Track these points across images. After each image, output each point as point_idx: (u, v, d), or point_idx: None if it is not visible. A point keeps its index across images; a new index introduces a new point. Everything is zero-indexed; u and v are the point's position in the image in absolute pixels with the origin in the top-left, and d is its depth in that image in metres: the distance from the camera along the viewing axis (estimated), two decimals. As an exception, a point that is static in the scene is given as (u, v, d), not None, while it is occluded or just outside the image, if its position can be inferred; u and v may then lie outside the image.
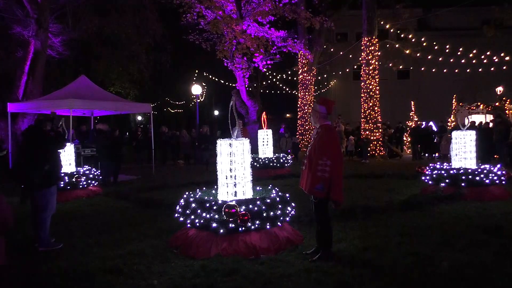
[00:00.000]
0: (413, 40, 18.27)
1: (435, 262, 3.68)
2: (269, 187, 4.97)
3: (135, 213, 6.37)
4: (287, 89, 23.26)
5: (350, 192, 7.45)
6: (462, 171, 6.80)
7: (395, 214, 5.69)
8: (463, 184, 6.62)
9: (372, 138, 15.97)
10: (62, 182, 7.34)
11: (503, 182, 6.72)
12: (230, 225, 4.05)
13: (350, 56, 20.16)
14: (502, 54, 17.70)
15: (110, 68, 20.65)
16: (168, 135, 16.31)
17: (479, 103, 15.92)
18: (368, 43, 16.32)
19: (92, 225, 5.63)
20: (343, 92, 26.08)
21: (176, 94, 32.55)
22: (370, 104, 16.38)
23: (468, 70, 19.52)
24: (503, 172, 6.76)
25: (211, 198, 4.52)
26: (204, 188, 5.11)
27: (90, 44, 17.74)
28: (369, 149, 15.43)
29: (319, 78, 22.46)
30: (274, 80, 22.05)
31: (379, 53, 16.74)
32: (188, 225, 4.39)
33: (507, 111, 14.90)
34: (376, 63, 16.48)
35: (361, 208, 5.73)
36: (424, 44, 18.25)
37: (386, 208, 5.99)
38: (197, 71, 25.92)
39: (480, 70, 19.33)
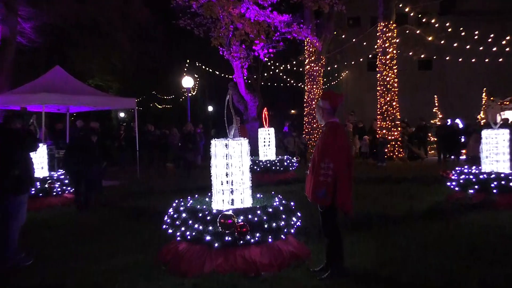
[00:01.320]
0: (436, 25, 18.33)
1: (463, 279, 3.67)
2: (271, 194, 4.96)
3: (117, 223, 6.39)
4: (292, 81, 23.30)
5: (364, 200, 7.48)
6: (493, 175, 6.79)
7: (417, 224, 5.70)
8: (494, 190, 6.61)
9: (389, 137, 15.99)
10: (33, 189, 7.31)
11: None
12: (227, 238, 4.05)
13: (364, 43, 20.18)
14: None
15: (89, 58, 20.71)
16: (155, 134, 16.35)
17: (512, 98, 15.98)
18: (384, 29, 16.36)
19: (68, 236, 5.63)
20: (356, 85, 26.13)
21: (165, 87, 32.55)
22: (387, 98, 16.41)
23: (500, 60, 19.50)
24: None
25: (204, 207, 4.53)
26: (196, 196, 5.12)
27: (67, 30, 17.78)
28: (386, 150, 15.44)
29: (329, 69, 22.46)
30: (277, 71, 22.05)
31: (397, 40, 16.78)
32: (178, 238, 4.39)
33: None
34: (394, 51, 16.51)
35: (377, 218, 5.75)
36: (449, 29, 18.28)
37: (406, 217, 6.01)
38: (188, 61, 25.94)
39: (513, 59, 19.37)
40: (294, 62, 21.23)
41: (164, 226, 4.63)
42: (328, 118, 3.86)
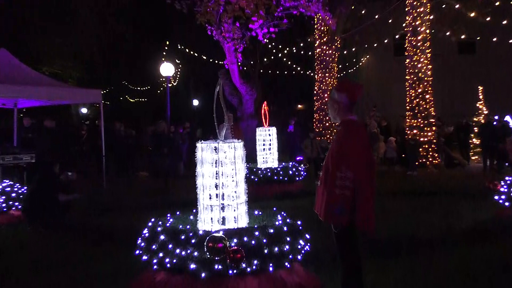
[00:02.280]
0: (480, -2, 18.36)
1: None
2: (273, 211, 4.97)
3: (79, 247, 6.38)
4: (299, 68, 23.39)
5: (389, 217, 7.49)
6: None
7: (456, 248, 5.70)
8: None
9: (422, 139, 16.02)
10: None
11: None
12: (216, 266, 4.02)
13: (390, 21, 20.25)
14: None
15: (44, 40, 20.67)
16: (127, 135, 16.34)
17: None
18: (415, 3, 16.43)
19: (18, 264, 5.61)
20: (379, 73, 26.24)
21: (138, 76, 32.57)
22: (419, 90, 16.46)
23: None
24: None
25: (188, 227, 4.52)
26: (178, 213, 5.10)
27: (15, 4, 17.78)
28: (418, 155, 15.47)
29: (345, 53, 22.54)
30: (280, 56, 22.13)
31: (431, 17, 16.84)
32: (155, 266, 4.38)
33: None
34: (428, 31, 16.57)
35: (406, 240, 5.72)
36: (496, 3, 18.34)
37: (443, 240, 6.00)
38: (168, 43, 25.95)
39: None
40: (302, 45, 21.30)
41: (137, 252, 4.61)
42: (345, 115, 3.86)
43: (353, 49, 23.42)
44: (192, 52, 24.30)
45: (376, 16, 19.97)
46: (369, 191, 3.62)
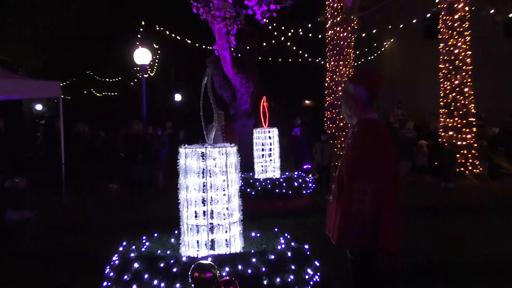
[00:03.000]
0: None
1: None
2: (274, 232, 5.01)
3: (32, 275, 6.34)
4: (306, 55, 23.32)
5: (419, 238, 7.49)
6: None
7: (504, 277, 5.69)
8: None
9: (460, 143, 16.00)
10: None
11: None
12: (204, 301, 4.00)
13: (419, -4, 20.30)
14: None
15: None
16: (94, 138, 16.31)
17: None
18: (450, -27, 16.45)
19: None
20: (406, 60, 26.18)
21: (107, 65, 32.44)
22: (456, 82, 16.49)
23: None
24: None
25: (168, 252, 4.53)
26: (155, 235, 5.09)
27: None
28: (455, 162, 15.45)
29: (363, 36, 22.48)
30: (283, 39, 22.06)
31: (470, -9, 16.83)
32: (128, 301, 4.36)
33: None
34: (467, 8, 16.58)
35: (441, 268, 5.74)
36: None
37: (487, 266, 6.01)
38: (143, 23, 25.82)
39: None
40: (310, 26, 21.28)
41: (105, 284, 4.59)
42: (362, 112, 3.88)
43: (374, 31, 23.31)
44: (173, 35, 24.23)
45: (402, -10, 20.04)
46: (393, 207, 3.63)
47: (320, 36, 20.57)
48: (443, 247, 7.26)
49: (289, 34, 21.97)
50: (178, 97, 34.89)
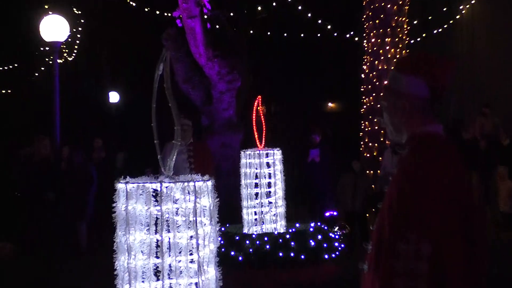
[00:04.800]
0: None
1: None
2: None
3: None
4: (329, 27, 17.44)
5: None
6: None
7: None
8: None
9: None
10: None
11: None
12: None
13: None
14: None
15: None
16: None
17: None
18: None
19: None
20: (496, 36, 19.38)
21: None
22: None
23: None
24: None
25: None
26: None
27: None
28: None
29: None
30: (290, 1, 17.00)
31: None
32: None
33: None
34: None
35: None
36: None
37: None
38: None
39: None
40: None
41: None
42: (417, 122, 3.00)
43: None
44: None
45: None
46: (468, 281, 2.84)
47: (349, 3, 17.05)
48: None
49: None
50: (114, 96, 26.12)
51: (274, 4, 16.02)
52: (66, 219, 10.45)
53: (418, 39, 16.73)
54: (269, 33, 17.84)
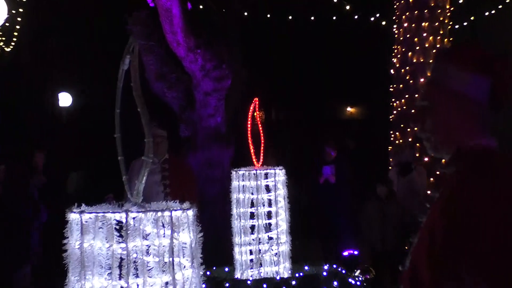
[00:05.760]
0: None
1: None
2: None
3: None
4: (347, 8, 15.34)
5: None
6: None
7: None
8: None
9: None
10: None
11: None
12: None
13: None
14: None
15: None
16: None
17: None
18: None
19: None
20: None
21: None
22: None
23: None
24: None
25: None
26: None
27: None
28: None
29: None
30: None
31: None
32: None
33: None
34: None
35: None
36: None
37: None
38: None
39: None
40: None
41: None
42: (470, 135, 2.50)
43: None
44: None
45: None
46: None
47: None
48: None
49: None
50: (65, 98, 22.92)
51: None
52: (6, 263, 8.19)
53: (465, 24, 14.61)
54: (269, 15, 15.27)
